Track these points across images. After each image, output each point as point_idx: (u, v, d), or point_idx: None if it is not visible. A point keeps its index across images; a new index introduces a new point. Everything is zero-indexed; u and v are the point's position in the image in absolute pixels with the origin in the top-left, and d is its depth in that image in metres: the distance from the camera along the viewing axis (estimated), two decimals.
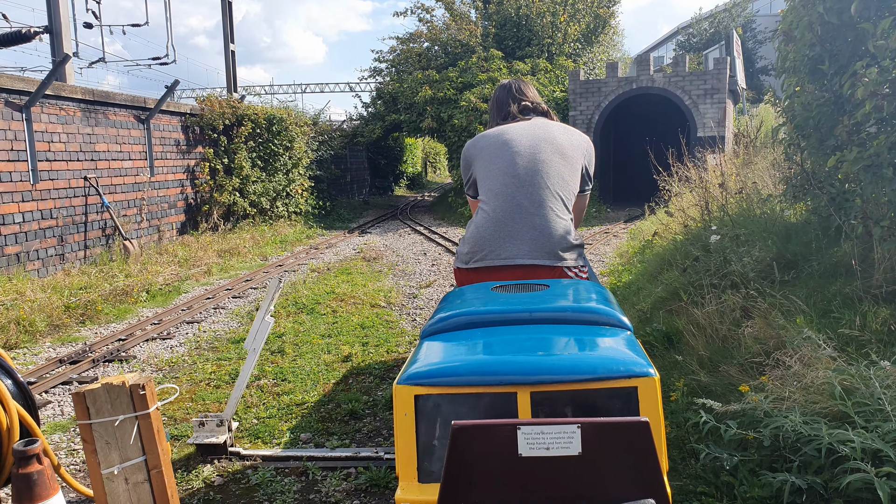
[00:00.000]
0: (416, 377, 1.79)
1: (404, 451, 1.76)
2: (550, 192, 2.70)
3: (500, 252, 2.67)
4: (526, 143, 2.78)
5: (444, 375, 1.78)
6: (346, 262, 10.95)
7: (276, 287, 3.78)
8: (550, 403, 1.75)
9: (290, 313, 7.31)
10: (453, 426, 1.46)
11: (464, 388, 1.76)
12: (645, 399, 1.73)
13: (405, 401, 1.77)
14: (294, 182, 15.72)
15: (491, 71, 18.44)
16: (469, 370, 1.79)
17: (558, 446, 1.46)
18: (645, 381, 1.73)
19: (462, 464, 1.47)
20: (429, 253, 11.90)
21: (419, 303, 7.82)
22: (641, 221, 13.64)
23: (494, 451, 1.47)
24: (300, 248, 13.27)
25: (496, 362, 1.81)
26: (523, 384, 1.73)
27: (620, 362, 1.77)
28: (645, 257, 8.41)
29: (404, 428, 1.77)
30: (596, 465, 1.47)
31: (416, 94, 18.49)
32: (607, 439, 1.46)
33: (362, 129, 20.45)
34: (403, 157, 31.54)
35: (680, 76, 17.28)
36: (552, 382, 1.73)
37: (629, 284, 7.03)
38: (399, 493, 1.73)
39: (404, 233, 15.42)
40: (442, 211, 19.49)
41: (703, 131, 17.09)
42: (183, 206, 12.87)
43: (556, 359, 1.81)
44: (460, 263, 2.83)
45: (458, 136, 17.91)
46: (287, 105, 17.09)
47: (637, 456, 1.46)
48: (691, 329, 4.82)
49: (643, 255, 8.65)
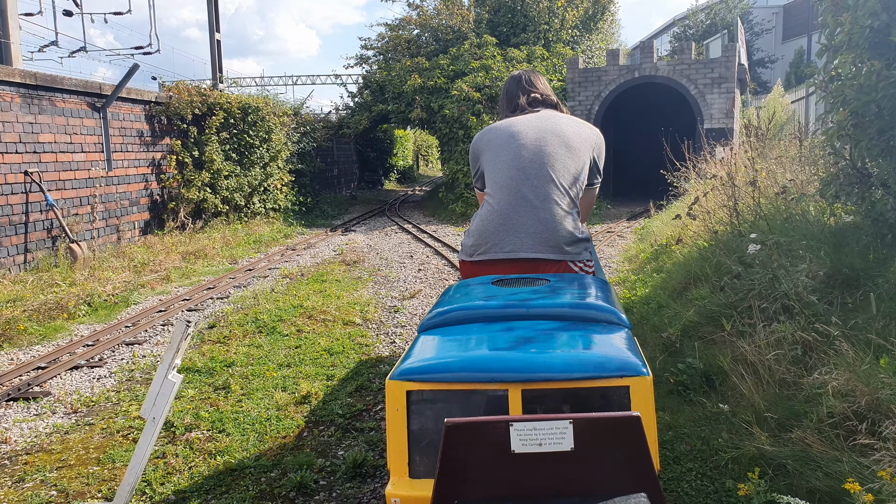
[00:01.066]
0: (409, 373, 1.80)
1: (395, 447, 1.77)
2: (556, 184, 2.65)
3: (504, 245, 2.64)
4: (532, 136, 2.73)
5: (435, 371, 1.79)
6: (323, 267, 9.85)
7: (182, 334, 2.69)
8: (542, 401, 1.75)
9: (247, 333, 6.22)
10: (446, 424, 1.45)
11: (455, 384, 1.77)
12: (637, 398, 1.72)
13: (397, 396, 1.78)
14: (272, 176, 14.58)
15: (484, 58, 17.32)
16: (461, 367, 1.79)
17: (550, 442, 1.45)
18: (637, 381, 1.72)
19: (455, 461, 1.46)
20: (416, 255, 10.82)
21: (400, 318, 6.74)
22: (648, 220, 12.59)
23: (487, 448, 1.47)
24: (276, 248, 12.16)
25: (488, 359, 1.81)
26: (514, 381, 1.74)
27: (613, 361, 1.76)
28: (661, 265, 7.35)
29: (396, 423, 1.78)
30: (588, 460, 1.47)
31: (404, 82, 17.36)
32: (599, 434, 1.46)
33: (348, 121, 19.30)
34: (394, 150, 30.39)
35: (685, 64, 16.21)
36: (543, 380, 1.73)
37: (646, 300, 5.97)
38: (389, 489, 1.73)
39: (391, 231, 14.32)
40: (432, 207, 18.39)
41: (710, 123, 16.05)
42: (147, 203, 11.73)
43: (548, 356, 1.79)
44: (464, 256, 2.79)
45: (450, 128, 16.81)
46: (266, 94, 15.93)
47: (629, 451, 1.46)
48: (739, 370, 3.77)
49: (658, 262, 7.60)
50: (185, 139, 12.54)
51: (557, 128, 2.75)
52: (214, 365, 5.34)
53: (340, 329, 6.30)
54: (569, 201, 2.67)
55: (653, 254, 8.12)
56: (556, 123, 2.77)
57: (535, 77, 3.03)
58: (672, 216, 10.47)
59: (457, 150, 16.77)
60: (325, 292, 7.82)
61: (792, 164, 7.46)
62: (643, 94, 17.58)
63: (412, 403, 1.78)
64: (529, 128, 2.76)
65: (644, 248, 9.18)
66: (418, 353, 1.91)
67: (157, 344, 6.20)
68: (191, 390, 4.82)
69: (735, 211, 6.16)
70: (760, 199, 6.10)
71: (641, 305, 5.88)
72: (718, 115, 16.03)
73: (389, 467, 1.77)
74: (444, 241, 11.96)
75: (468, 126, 16.20)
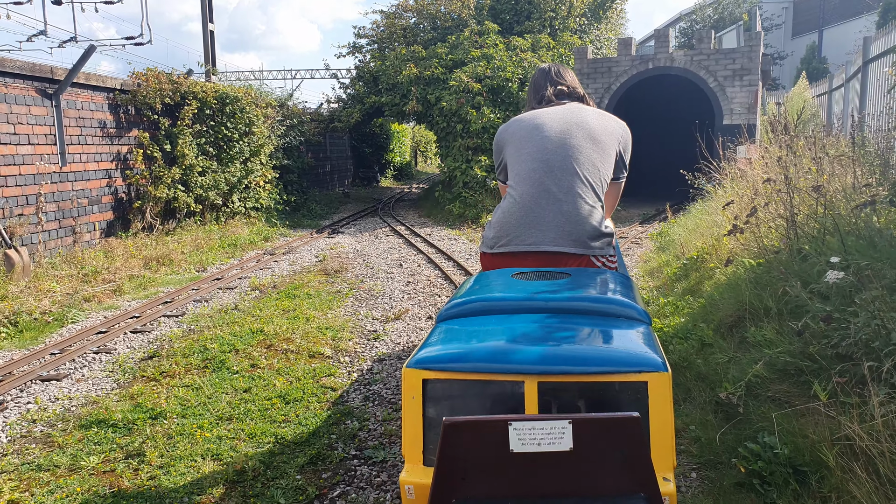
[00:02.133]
0: (425, 361, 1.79)
1: (410, 435, 1.77)
2: (580, 178, 2.59)
3: (526, 238, 2.59)
4: (557, 128, 2.68)
5: (452, 361, 1.78)
6: (300, 277, 8.68)
7: None
8: (558, 394, 1.73)
9: (190, 368, 5.05)
10: (445, 422, 1.43)
11: (472, 374, 1.76)
12: (655, 394, 1.69)
13: (413, 384, 1.78)
14: (253, 173, 13.39)
15: (486, 47, 16.11)
16: (478, 357, 1.78)
17: (549, 442, 1.43)
18: (656, 377, 1.69)
19: (454, 459, 1.45)
20: (406, 263, 9.64)
21: (380, 348, 5.58)
22: (665, 225, 11.42)
23: (486, 447, 1.45)
24: (252, 253, 10.98)
25: (505, 350, 1.79)
26: (531, 374, 1.72)
27: (632, 356, 1.74)
28: (693, 285, 6.18)
29: (411, 411, 1.78)
30: (587, 460, 1.45)
31: (399, 72, 16.15)
32: (598, 435, 1.44)
33: (339, 114, 18.10)
34: (390, 146, 29.17)
35: (704, 55, 15.00)
36: (560, 373, 1.71)
37: (684, 333, 4.80)
38: (403, 475, 1.73)
39: (382, 234, 13.14)
40: (428, 207, 17.21)
41: (729, 118, 14.85)
42: (111, 201, 10.55)
43: (565, 349, 1.77)
44: (485, 248, 2.73)
45: (447, 121, 15.62)
46: (249, 84, 14.73)
47: (628, 451, 1.43)
48: (847, 463, 2.61)
49: (689, 280, 6.43)
50: (154, 131, 11.35)
51: (583, 120, 2.69)
52: (137, 416, 4.18)
53: (304, 364, 5.13)
54: (593, 195, 2.60)
55: (681, 269, 6.94)
56: (582, 116, 2.71)
57: (564, 70, 2.97)
58: (696, 221, 9.32)
59: (455, 145, 15.59)
60: (295, 312, 6.64)
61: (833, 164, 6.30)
62: (657, 87, 16.38)
63: (428, 392, 1.78)
64: (554, 120, 2.70)
65: (668, 260, 8.00)
66: (436, 342, 1.91)
67: (79, 380, 5.04)
68: (94, 458, 3.65)
69: (793, 223, 4.98)
70: (825, 207, 4.93)
71: (679, 340, 4.70)
72: (740, 110, 14.83)
73: (404, 455, 1.78)
74: (439, 247, 10.77)
75: (467, 120, 15.01)
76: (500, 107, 15.43)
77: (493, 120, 14.78)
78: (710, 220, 8.44)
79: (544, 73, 2.96)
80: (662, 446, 1.68)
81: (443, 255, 10.22)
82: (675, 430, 1.93)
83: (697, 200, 12.80)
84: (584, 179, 2.59)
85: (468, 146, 15.26)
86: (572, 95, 2.89)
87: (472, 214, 14.11)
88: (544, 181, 2.58)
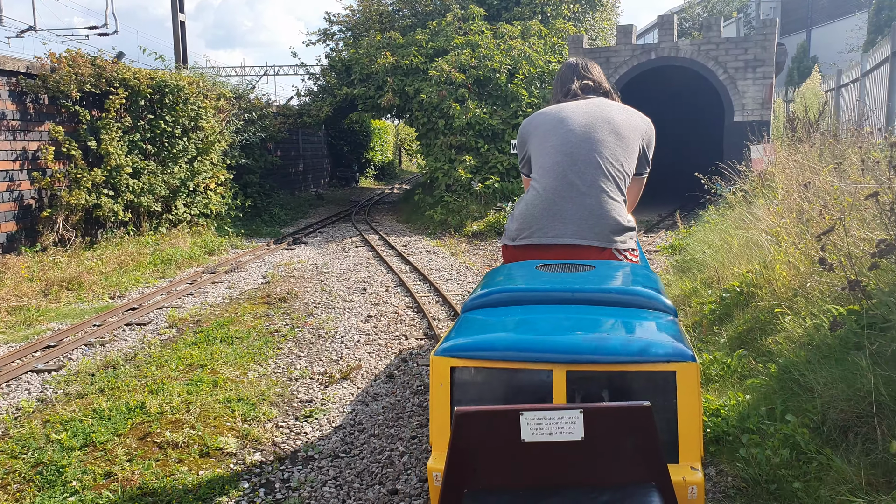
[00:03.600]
0: (453, 349, 1.80)
1: (438, 422, 1.78)
2: (603, 171, 2.57)
3: (549, 230, 2.59)
4: (581, 122, 2.65)
5: (480, 349, 1.78)
6: (233, 308, 6.93)
7: None
8: (586, 383, 1.74)
9: (7, 483, 3.30)
10: (456, 412, 1.43)
11: (500, 362, 1.76)
12: (684, 384, 1.69)
13: (441, 372, 1.79)
14: (201, 174, 11.59)
15: (470, 34, 14.40)
16: (506, 345, 1.78)
17: (561, 432, 1.42)
18: (684, 367, 1.70)
19: (466, 449, 1.45)
20: (372, 285, 7.93)
21: (311, 435, 3.85)
22: (677, 236, 9.79)
23: (498, 437, 1.44)
24: (190, 271, 9.20)
25: (533, 339, 1.79)
26: (559, 362, 1.72)
27: (660, 346, 1.74)
28: (743, 332, 4.50)
29: (439, 398, 1.79)
30: (598, 450, 1.45)
31: (374, 61, 14.40)
32: (610, 425, 1.44)
33: (309, 108, 16.32)
34: (370, 143, 27.39)
35: (713, 44, 13.39)
36: (588, 362, 1.72)
37: (756, 424, 3.12)
38: (431, 463, 1.72)
39: (350, 245, 11.40)
40: (407, 212, 15.49)
41: (741, 114, 13.25)
42: (14, 209, 8.73)
43: (593, 338, 1.77)
44: (507, 240, 2.74)
45: (428, 116, 13.90)
46: (200, 72, 12.93)
47: (640, 441, 1.43)
48: None
49: (735, 324, 4.75)
50: (74, 125, 9.53)
51: (607, 115, 2.67)
52: None
53: (190, 473, 3.38)
54: (616, 189, 2.58)
55: (720, 306, 5.28)
56: (607, 110, 2.69)
57: (591, 64, 2.95)
58: (721, 235, 7.70)
59: (437, 143, 13.88)
60: (203, 370, 4.89)
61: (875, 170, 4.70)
62: (660, 80, 14.74)
63: (456, 379, 1.79)
64: (579, 113, 2.69)
65: (694, 287, 6.33)
66: (463, 331, 1.91)
67: None
68: None
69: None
70: None
71: (751, 437, 3.02)
72: (753, 106, 13.23)
73: (432, 442, 1.78)
74: (414, 264, 9.05)
75: (450, 115, 13.30)
76: (486, 100, 13.74)
77: (478, 115, 13.08)
78: (743, 236, 6.79)
79: (571, 66, 2.93)
80: (690, 436, 1.68)
81: (417, 274, 8.51)
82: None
83: (709, 207, 11.20)
84: (608, 173, 2.57)
85: (451, 144, 13.55)
86: (598, 90, 2.86)
87: (455, 222, 12.38)
88: (568, 174, 2.57)
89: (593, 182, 2.54)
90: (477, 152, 13.42)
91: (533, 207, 2.60)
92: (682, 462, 1.65)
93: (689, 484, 1.60)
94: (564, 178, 2.56)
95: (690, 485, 1.60)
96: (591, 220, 2.53)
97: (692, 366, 1.68)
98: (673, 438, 1.67)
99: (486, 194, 12.87)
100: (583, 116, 2.64)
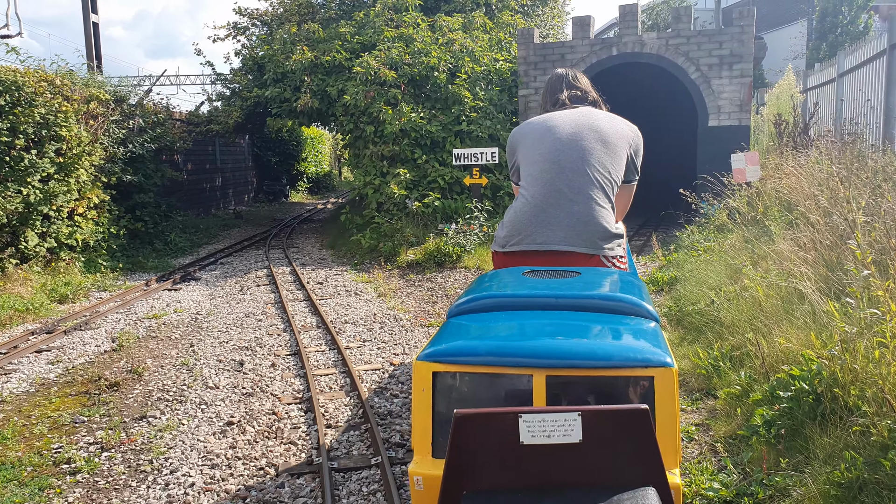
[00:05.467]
0: (435, 355, 1.80)
1: (420, 426, 1.79)
2: (591, 179, 2.60)
3: (537, 237, 2.61)
4: (568, 130, 2.71)
5: (462, 354, 1.79)
6: (34, 404, 4.59)
7: None
8: (566, 388, 1.75)
9: None
10: (456, 414, 1.42)
11: (481, 367, 1.77)
12: (661, 389, 1.70)
13: (423, 377, 1.79)
14: (61, 196, 9.11)
15: (404, 26, 12.30)
16: (487, 351, 1.79)
17: (559, 434, 1.42)
18: (662, 372, 1.70)
19: (465, 451, 1.44)
20: (255, 358, 5.68)
21: None
22: (658, 266, 7.85)
23: (496, 439, 1.44)
24: (18, 329, 6.77)
25: (514, 344, 1.80)
26: (539, 367, 1.73)
27: (638, 351, 1.74)
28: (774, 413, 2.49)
29: (421, 403, 1.79)
30: (596, 452, 1.44)
31: (289, 57, 12.13)
32: (607, 427, 1.43)
33: (218, 114, 13.92)
34: (302, 154, 24.98)
35: (683, 37, 11.63)
36: (568, 367, 1.73)
37: None
38: (412, 467, 1.73)
39: (251, 282, 9.09)
40: (334, 233, 13.25)
41: (717, 118, 11.52)
42: None
43: (573, 344, 1.77)
44: (497, 247, 2.75)
45: (354, 122, 11.72)
46: (67, 68, 10.43)
47: (637, 443, 1.43)
48: None
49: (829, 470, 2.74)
50: None
51: (594, 123, 2.70)
52: None
53: None
54: (603, 196, 2.60)
55: (779, 415, 3.27)
56: (594, 119, 2.72)
57: (581, 74, 2.99)
58: (727, 270, 5.81)
59: (366, 153, 11.70)
60: None
61: None
62: (624, 80, 12.92)
63: (438, 384, 1.80)
64: (566, 122, 2.73)
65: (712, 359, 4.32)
66: (446, 337, 1.90)
67: None
68: None
69: None
70: None
71: None
72: (729, 108, 11.50)
73: (413, 446, 1.79)
74: (324, 315, 6.83)
75: (380, 120, 11.14)
76: (424, 103, 11.65)
77: (414, 121, 10.96)
78: (768, 281, 4.87)
79: (560, 77, 2.97)
80: (668, 440, 1.69)
81: (325, 332, 6.31)
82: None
83: (687, 227, 9.37)
84: (595, 181, 2.59)
85: (382, 155, 11.39)
86: (586, 100, 2.88)
87: (386, 249, 10.17)
88: (555, 182, 2.61)
89: (581, 189, 2.57)
90: (413, 164, 11.30)
91: (521, 215, 2.63)
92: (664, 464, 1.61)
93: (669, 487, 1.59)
94: (552, 186, 2.59)
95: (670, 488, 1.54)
96: (578, 227, 2.56)
97: (669, 371, 1.70)
98: None
99: (425, 214, 10.74)
100: (570, 125, 2.69)
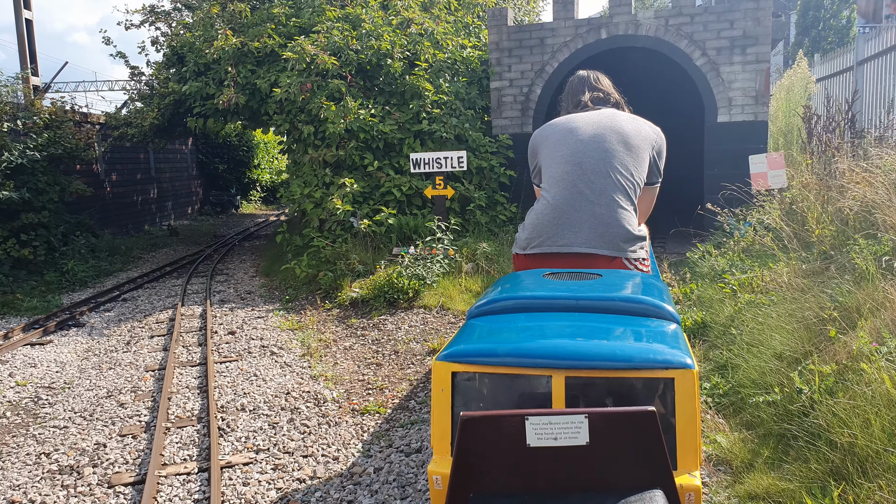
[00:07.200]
0: (455, 355, 1.81)
1: (439, 426, 1.80)
2: (613, 181, 2.62)
3: (558, 239, 2.64)
4: (590, 132, 2.73)
5: (481, 355, 1.80)
6: None
7: None
8: (585, 389, 1.74)
9: None
10: (462, 417, 1.43)
11: (500, 368, 1.78)
12: (682, 391, 1.70)
13: (443, 377, 1.81)
14: None
15: (350, 5, 10.19)
16: (506, 351, 1.80)
17: (566, 436, 1.43)
18: (682, 373, 1.70)
19: (471, 454, 1.45)
20: (90, 477, 3.52)
21: None
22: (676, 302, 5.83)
23: (503, 442, 1.45)
24: None
25: (533, 345, 1.81)
26: (559, 368, 1.74)
27: (658, 352, 1.74)
28: None
29: (440, 403, 1.81)
30: (604, 455, 1.45)
31: (211, 45, 9.94)
32: (615, 429, 1.44)
33: (133, 116, 11.66)
34: (254, 160, 22.68)
35: (686, 16, 9.69)
36: (588, 368, 1.72)
37: None
38: (432, 466, 1.74)
39: (146, 331, 6.88)
40: (271, 256, 11.05)
41: (727, 113, 9.59)
42: None
43: (593, 345, 1.77)
44: (518, 249, 2.79)
45: (291, 121, 9.55)
46: None
47: (645, 446, 1.44)
48: None
49: None
50: None
51: (616, 125, 2.72)
52: None
53: None
54: (626, 198, 2.62)
55: None
56: (616, 120, 2.75)
57: (602, 76, 3.01)
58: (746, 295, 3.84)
59: (305, 159, 9.53)
60: None
61: None
62: (616, 69, 10.89)
63: (457, 385, 1.81)
64: (588, 124, 2.74)
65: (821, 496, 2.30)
66: (466, 337, 1.92)
67: None
68: None
69: None
70: None
71: None
72: (743, 100, 9.59)
73: (433, 446, 1.79)
74: (214, 398, 4.68)
75: (321, 118, 8.99)
76: (376, 98, 9.54)
77: (363, 119, 8.84)
78: None
79: (582, 78, 2.98)
80: (688, 442, 1.69)
81: (203, 433, 4.16)
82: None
83: (700, 247, 7.46)
84: (617, 183, 2.60)
85: (325, 161, 9.23)
86: (608, 101, 2.89)
87: (327, 281, 7.97)
88: (577, 184, 2.61)
89: (602, 191, 2.58)
90: (363, 172, 9.18)
91: (543, 217, 2.65)
92: (681, 468, 1.65)
93: (686, 490, 1.61)
94: (574, 188, 2.61)
95: (688, 491, 1.61)
96: (600, 229, 2.56)
97: (690, 373, 1.70)
98: (671, 445, 1.67)
99: (377, 235, 8.62)
100: (592, 126, 2.71)
